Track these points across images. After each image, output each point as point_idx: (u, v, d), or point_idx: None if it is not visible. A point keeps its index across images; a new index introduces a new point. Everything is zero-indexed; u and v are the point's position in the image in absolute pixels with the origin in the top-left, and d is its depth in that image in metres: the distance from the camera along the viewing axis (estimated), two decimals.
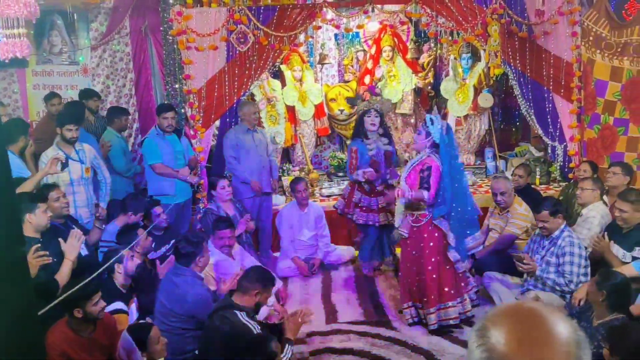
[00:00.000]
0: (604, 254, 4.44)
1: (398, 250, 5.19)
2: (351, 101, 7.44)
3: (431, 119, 4.46)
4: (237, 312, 3.49)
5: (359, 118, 5.47)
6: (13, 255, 1.76)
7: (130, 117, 6.71)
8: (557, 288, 4.49)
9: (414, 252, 4.59)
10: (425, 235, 4.52)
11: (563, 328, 0.98)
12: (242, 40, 6.12)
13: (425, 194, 4.39)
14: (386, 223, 5.55)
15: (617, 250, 4.42)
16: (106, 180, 5.32)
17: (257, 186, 5.79)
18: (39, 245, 3.59)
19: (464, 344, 4.38)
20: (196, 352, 3.89)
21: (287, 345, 3.53)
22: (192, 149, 6.03)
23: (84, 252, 4.19)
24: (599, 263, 4.44)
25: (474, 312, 4.71)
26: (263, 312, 4.32)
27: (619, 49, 5.91)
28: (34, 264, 3.43)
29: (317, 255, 6.02)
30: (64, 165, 4.76)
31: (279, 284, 4.86)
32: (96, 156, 5.27)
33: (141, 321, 3.87)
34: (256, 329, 3.43)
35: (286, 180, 6.79)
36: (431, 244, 4.53)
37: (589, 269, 4.43)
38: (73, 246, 3.78)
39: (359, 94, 7.44)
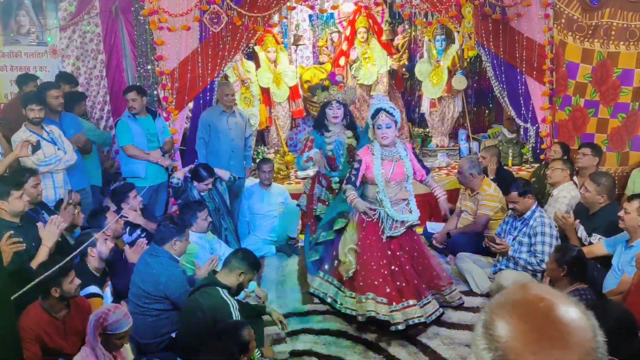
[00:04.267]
0: (567, 231, 4.55)
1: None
2: (312, 90, 7.32)
3: (392, 107, 4.30)
4: (219, 288, 3.53)
5: (320, 109, 5.09)
6: None
7: (87, 100, 6.52)
8: (529, 267, 4.58)
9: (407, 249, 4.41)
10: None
11: (573, 312, 0.89)
12: (216, 20, 6.04)
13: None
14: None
15: (581, 231, 4.54)
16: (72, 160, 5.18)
17: (225, 175, 5.70)
18: (12, 232, 3.53)
19: (437, 322, 4.44)
20: (172, 335, 3.90)
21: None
22: (168, 131, 5.92)
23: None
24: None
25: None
26: (250, 285, 4.33)
27: (590, 32, 5.98)
28: (7, 252, 3.38)
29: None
30: (36, 148, 4.66)
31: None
32: (60, 135, 5.14)
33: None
34: (235, 307, 3.47)
35: None
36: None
37: None
38: (51, 233, 3.72)
39: (318, 83, 7.27)
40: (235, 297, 3.63)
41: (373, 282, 4.21)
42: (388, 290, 4.19)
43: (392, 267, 4.30)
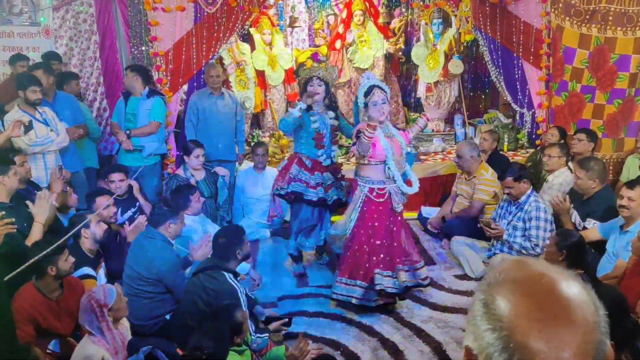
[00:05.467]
0: (561, 215, 4.56)
1: None
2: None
3: (383, 83, 4.41)
4: (225, 273, 3.54)
5: (301, 86, 4.93)
6: None
7: (80, 80, 6.42)
8: (524, 252, 4.59)
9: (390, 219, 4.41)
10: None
11: (575, 287, 0.87)
12: (211, 1, 5.96)
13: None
14: (325, 201, 4.85)
15: (575, 216, 4.55)
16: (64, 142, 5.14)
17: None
18: (4, 213, 3.50)
19: (431, 305, 4.47)
20: (167, 317, 3.90)
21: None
22: (157, 115, 5.69)
23: None
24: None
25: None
26: (244, 267, 4.33)
27: (587, 16, 5.94)
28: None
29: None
30: (28, 128, 4.62)
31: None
32: (54, 117, 5.10)
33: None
34: (242, 292, 3.48)
35: None
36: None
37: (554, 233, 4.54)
38: (42, 208, 3.71)
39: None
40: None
41: (379, 258, 4.28)
42: (397, 260, 4.30)
43: (397, 242, 4.37)
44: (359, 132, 4.15)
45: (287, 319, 3.87)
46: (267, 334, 3.63)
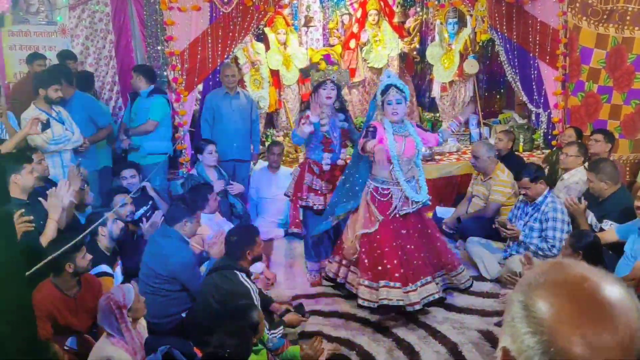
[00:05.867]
0: (577, 217, 4.52)
1: None
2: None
3: (402, 84, 4.28)
4: (238, 272, 3.56)
5: (313, 89, 4.87)
6: None
7: (95, 79, 6.46)
8: (540, 253, 4.55)
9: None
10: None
11: (617, 292, 0.86)
12: (226, 1, 5.98)
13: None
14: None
15: (591, 218, 4.51)
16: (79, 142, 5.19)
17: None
18: (23, 210, 3.53)
19: (447, 306, 4.44)
20: (182, 314, 3.91)
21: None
22: (154, 114, 5.67)
23: None
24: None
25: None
26: (258, 267, 4.35)
27: (604, 16, 5.88)
28: (18, 229, 3.38)
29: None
30: (45, 126, 4.65)
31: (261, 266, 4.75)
32: (68, 116, 5.14)
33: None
34: (255, 291, 3.49)
35: None
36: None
37: None
38: (55, 205, 3.71)
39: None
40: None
41: (386, 267, 4.20)
42: (402, 271, 4.19)
43: (408, 246, 4.30)
44: (369, 128, 4.16)
45: (298, 305, 3.89)
46: (283, 332, 3.64)
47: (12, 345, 1.81)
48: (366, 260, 4.29)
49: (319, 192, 4.85)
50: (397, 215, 4.30)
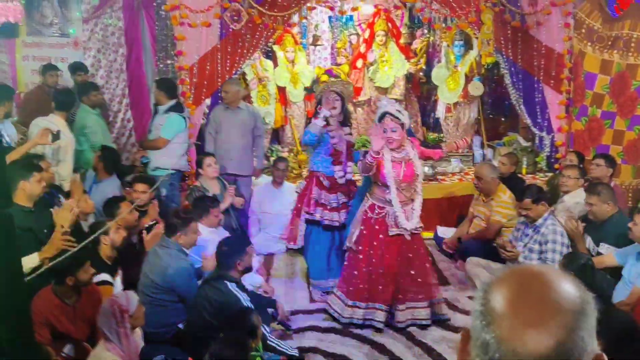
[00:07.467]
0: (576, 239, 4.53)
1: None
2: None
3: (398, 110, 4.25)
4: (228, 282, 3.59)
5: (317, 101, 4.92)
6: None
7: (99, 92, 6.34)
8: None
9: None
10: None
11: (564, 292, 0.91)
12: (236, 18, 6.09)
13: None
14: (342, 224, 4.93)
15: (589, 241, 4.51)
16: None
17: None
18: (68, 230, 3.57)
19: (444, 325, 4.46)
20: (180, 325, 3.94)
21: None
22: (165, 131, 5.68)
23: None
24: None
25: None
26: (256, 280, 4.38)
27: (609, 42, 5.95)
28: (58, 246, 3.41)
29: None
30: (55, 137, 4.72)
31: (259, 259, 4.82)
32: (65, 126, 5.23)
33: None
34: (246, 299, 3.52)
35: None
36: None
37: None
38: (65, 217, 3.71)
39: (317, 79, 7.27)
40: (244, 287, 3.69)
41: (377, 287, 4.29)
42: (390, 291, 4.28)
43: (397, 269, 4.33)
44: (366, 152, 4.22)
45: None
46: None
47: (9, 347, 1.85)
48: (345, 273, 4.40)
49: (328, 206, 4.91)
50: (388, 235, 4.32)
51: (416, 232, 4.41)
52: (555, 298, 0.90)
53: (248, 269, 3.83)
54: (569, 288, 0.92)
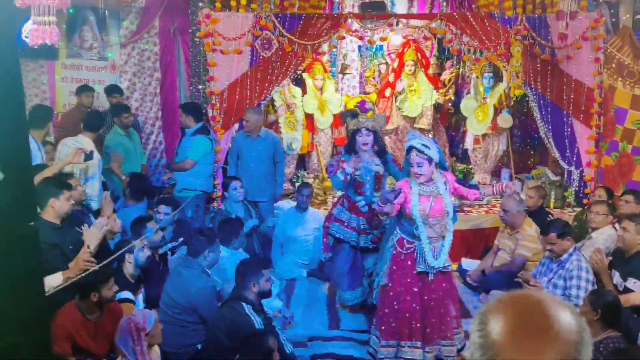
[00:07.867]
0: (602, 275, 4.43)
1: None
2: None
3: (424, 145, 4.10)
4: (243, 303, 3.62)
5: (350, 136, 5.04)
6: (23, 229, 1.84)
7: (130, 114, 6.47)
8: None
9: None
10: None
11: (564, 322, 0.92)
12: (267, 46, 6.23)
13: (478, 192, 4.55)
14: (367, 247, 5.03)
15: (616, 278, 4.41)
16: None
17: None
18: (93, 252, 3.67)
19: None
20: (198, 346, 3.97)
21: None
22: (189, 153, 5.88)
23: None
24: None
25: None
26: (277, 305, 4.39)
27: None
28: (81, 267, 3.48)
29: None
30: (87, 157, 4.86)
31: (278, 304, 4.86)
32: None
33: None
34: (258, 322, 3.53)
35: None
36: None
37: None
38: (94, 236, 3.79)
39: (347, 110, 7.28)
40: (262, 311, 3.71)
41: (409, 324, 4.21)
42: (421, 327, 4.22)
43: (425, 304, 4.26)
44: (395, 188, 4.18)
45: None
46: None
47: (26, 356, 1.91)
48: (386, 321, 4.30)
49: (346, 224, 4.99)
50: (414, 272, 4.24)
51: (445, 270, 4.31)
52: (555, 328, 0.90)
53: (266, 293, 3.83)
54: (567, 317, 0.93)
